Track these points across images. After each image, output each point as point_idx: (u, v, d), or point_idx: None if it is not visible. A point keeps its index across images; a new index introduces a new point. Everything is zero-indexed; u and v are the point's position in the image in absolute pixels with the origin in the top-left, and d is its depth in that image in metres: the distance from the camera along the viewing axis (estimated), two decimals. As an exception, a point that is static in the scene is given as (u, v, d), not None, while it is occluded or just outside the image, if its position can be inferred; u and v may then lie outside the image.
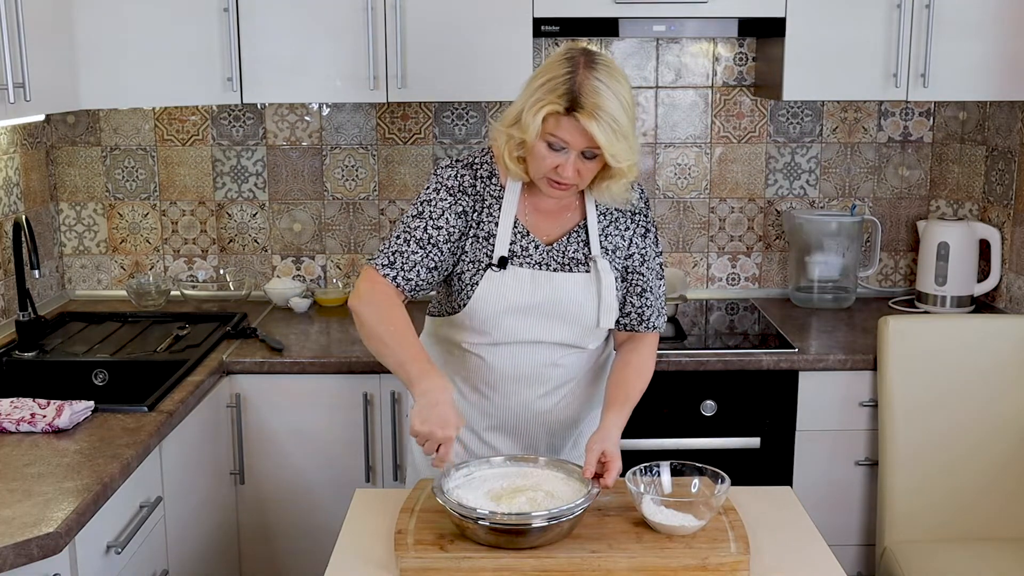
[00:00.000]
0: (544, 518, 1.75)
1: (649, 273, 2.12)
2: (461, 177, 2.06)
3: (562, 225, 2.08)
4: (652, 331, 2.14)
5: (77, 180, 3.33)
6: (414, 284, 2.02)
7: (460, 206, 2.04)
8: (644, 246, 2.12)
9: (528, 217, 2.06)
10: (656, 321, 2.14)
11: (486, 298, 2.03)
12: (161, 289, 3.26)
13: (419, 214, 2.04)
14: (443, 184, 2.05)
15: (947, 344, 2.73)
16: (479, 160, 2.08)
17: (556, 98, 1.86)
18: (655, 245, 2.14)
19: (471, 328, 2.07)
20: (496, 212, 2.05)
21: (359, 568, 1.80)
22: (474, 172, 2.07)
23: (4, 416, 2.18)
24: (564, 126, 1.88)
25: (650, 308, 2.12)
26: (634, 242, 2.11)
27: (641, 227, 2.12)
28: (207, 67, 2.86)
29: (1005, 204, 3.14)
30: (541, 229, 2.07)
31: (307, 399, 2.78)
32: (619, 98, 1.86)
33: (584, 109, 1.85)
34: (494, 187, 2.06)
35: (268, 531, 2.85)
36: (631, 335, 2.15)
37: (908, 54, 2.86)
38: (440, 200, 2.04)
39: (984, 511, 2.69)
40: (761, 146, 3.35)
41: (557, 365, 2.11)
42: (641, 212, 2.12)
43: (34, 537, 1.69)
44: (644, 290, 2.12)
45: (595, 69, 1.87)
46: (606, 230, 2.09)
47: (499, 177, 2.06)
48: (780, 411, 2.81)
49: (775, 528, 1.94)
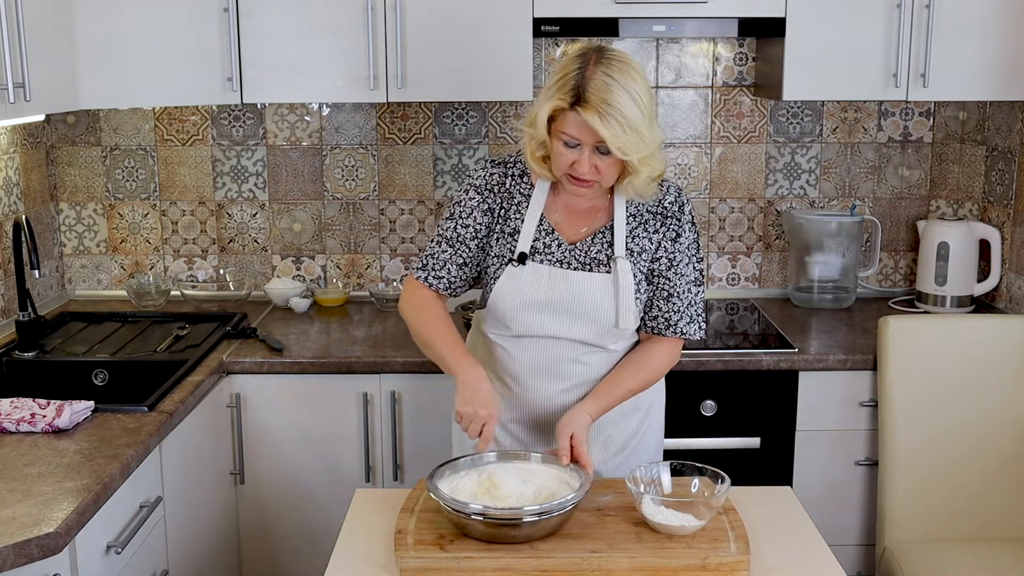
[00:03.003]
0: (536, 512, 1.76)
1: (677, 278, 2.10)
2: (490, 176, 2.12)
3: (590, 225, 2.10)
4: (678, 337, 2.13)
5: (77, 180, 3.33)
6: (447, 282, 2.12)
7: (487, 204, 2.10)
8: (673, 250, 2.10)
9: (556, 216, 2.09)
10: (686, 328, 2.12)
11: (504, 292, 2.07)
12: (161, 289, 3.26)
13: (451, 215, 2.14)
14: (473, 185, 2.13)
15: (947, 344, 2.73)
16: (513, 159, 2.13)
17: (563, 94, 1.89)
18: (692, 250, 2.12)
19: (495, 320, 2.13)
20: (524, 209, 2.09)
21: (359, 568, 1.80)
22: (506, 170, 2.12)
23: (4, 416, 2.18)
24: (571, 121, 1.90)
25: (678, 314, 2.11)
26: (663, 245, 2.10)
27: (672, 231, 2.10)
28: (207, 67, 2.86)
29: (1005, 204, 3.14)
30: (568, 228, 2.09)
31: (307, 399, 2.78)
32: (629, 92, 1.87)
33: (588, 103, 1.86)
34: (525, 185, 2.10)
35: (268, 531, 2.85)
36: (652, 337, 2.16)
37: (908, 54, 2.86)
38: (469, 200, 2.11)
39: (984, 511, 2.69)
40: (761, 146, 3.35)
41: (579, 362, 2.12)
42: (674, 216, 2.10)
43: (34, 537, 1.69)
44: (671, 295, 2.10)
45: (605, 64, 1.89)
46: (633, 231, 2.09)
47: (531, 176, 2.10)
48: (780, 411, 2.81)
49: (775, 528, 1.94)
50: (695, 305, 2.13)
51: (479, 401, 1.96)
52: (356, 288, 3.40)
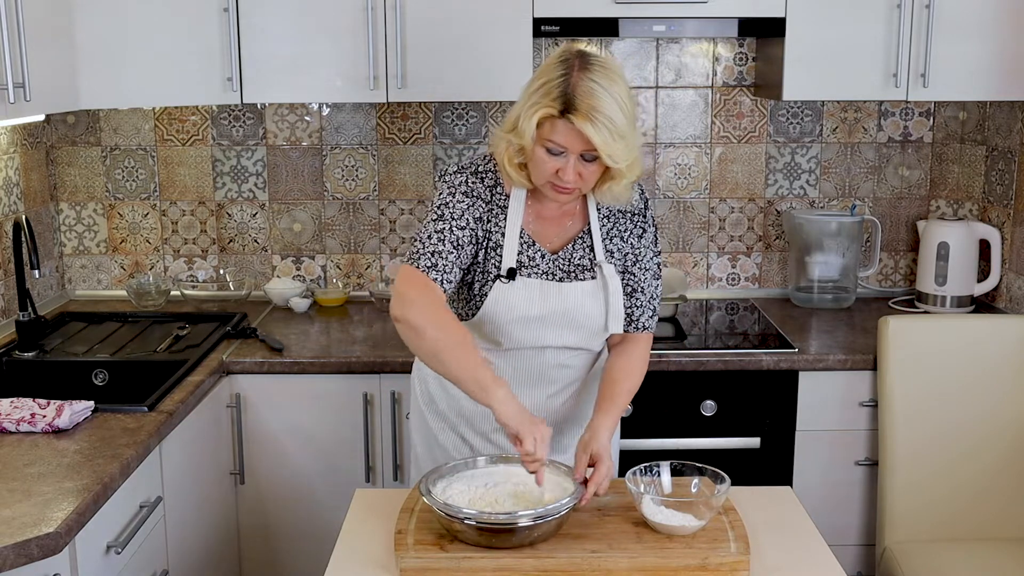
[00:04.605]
0: (530, 517, 1.75)
1: (642, 273, 2.11)
2: (472, 184, 2.03)
3: (565, 232, 2.07)
4: (642, 332, 2.14)
5: (77, 180, 3.33)
6: (452, 287, 1.99)
7: (476, 211, 2.02)
8: (639, 246, 2.11)
9: (532, 225, 2.05)
10: (646, 322, 2.13)
11: (496, 309, 2.03)
12: (161, 289, 3.26)
13: (440, 217, 2.00)
14: (457, 188, 2.02)
15: (947, 344, 2.73)
16: (483, 168, 2.05)
17: (550, 101, 1.85)
18: (653, 245, 2.14)
19: (482, 335, 2.08)
20: (502, 222, 2.03)
21: (359, 568, 1.80)
22: (480, 179, 2.04)
23: (4, 416, 2.18)
24: (560, 129, 1.86)
25: (640, 308, 2.12)
26: (630, 242, 2.11)
27: (639, 227, 2.11)
28: (207, 67, 2.86)
29: (1005, 204, 3.14)
30: (545, 237, 2.06)
31: (307, 399, 2.78)
32: (615, 98, 1.84)
33: (579, 111, 1.83)
34: (499, 196, 2.04)
35: (268, 531, 2.85)
36: (623, 336, 2.15)
37: (908, 54, 2.86)
38: (458, 203, 2.01)
39: (984, 511, 2.69)
40: (761, 146, 3.35)
41: (564, 366, 2.11)
42: (640, 213, 2.11)
43: (34, 537, 1.69)
44: (635, 290, 2.11)
45: (589, 70, 1.85)
46: (609, 233, 2.08)
47: (503, 186, 2.04)
48: (780, 411, 2.81)
49: (775, 528, 1.94)
50: (655, 299, 2.14)
51: (531, 419, 1.85)
52: (356, 288, 3.40)
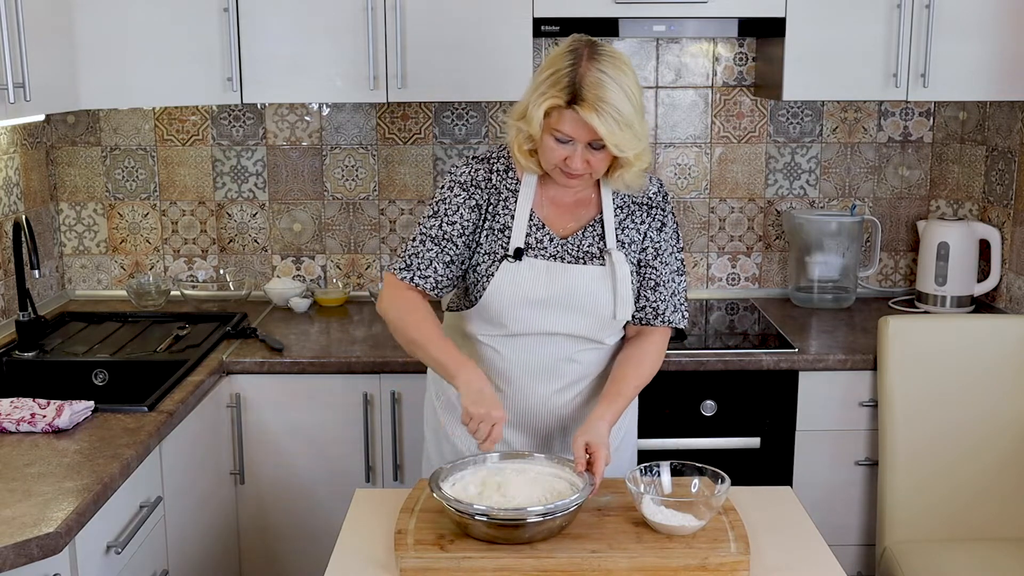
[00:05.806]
0: (540, 512, 1.75)
1: (663, 268, 2.12)
2: (475, 172, 2.07)
3: (578, 219, 2.09)
4: (665, 326, 2.14)
5: (77, 180, 3.33)
6: (433, 281, 2.06)
7: (473, 200, 2.06)
8: (659, 240, 2.11)
9: (544, 210, 2.08)
10: (671, 316, 2.13)
11: (501, 289, 2.04)
12: (161, 289, 3.26)
13: (434, 213, 2.07)
14: (456, 181, 2.07)
15: (947, 344, 2.73)
16: (496, 155, 2.10)
17: (558, 91, 1.87)
18: (673, 240, 2.14)
19: (487, 320, 2.09)
20: (512, 205, 2.06)
21: (359, 568, 1.80)
22: (490, 166, 2.08)
23: (4, 416, 2.18)
24: (567, 119, 1.89)
25: (664, 303, 2.12)
26: (648, 236, 2.11)
27: (657, 221, 2.11)
28: (207, 67, 2.86)
29: (1005, 204, 3.14)
30: (557, 223, 2.08)
31: (307, 399, 2.78)
32: (623, 88, 1.87)
33: (585, 101, 1.85)
34: (510, 180, 2.07)
35: (268, 531, 2.85)
36: (641, 329, 2.15)
37: (908, 54, 2.86)
38: (454, 197, 2.06)
39: (984, 511, 2.69)
40: (761, 146, 3.35)
41: (573, 360, 2.11)
42: (658, 206, 2.12)
43: (34, 537, 1.69)
44: (658, 284, 2.12)
45: (597, 60, 1.87)
46: (622, 223, 2.09)
47: (516, 171, 2.07)
48: (780, 411, 2.81)
49: (775, 528, 1.94)
50: (679, 294, 2.14)
51: (488, 402, 1.92)
52: (356, 288, 3.40)
